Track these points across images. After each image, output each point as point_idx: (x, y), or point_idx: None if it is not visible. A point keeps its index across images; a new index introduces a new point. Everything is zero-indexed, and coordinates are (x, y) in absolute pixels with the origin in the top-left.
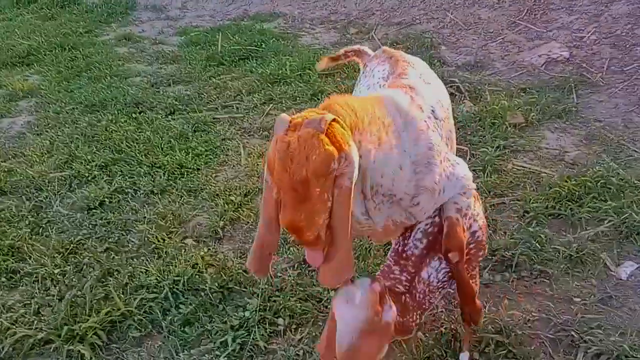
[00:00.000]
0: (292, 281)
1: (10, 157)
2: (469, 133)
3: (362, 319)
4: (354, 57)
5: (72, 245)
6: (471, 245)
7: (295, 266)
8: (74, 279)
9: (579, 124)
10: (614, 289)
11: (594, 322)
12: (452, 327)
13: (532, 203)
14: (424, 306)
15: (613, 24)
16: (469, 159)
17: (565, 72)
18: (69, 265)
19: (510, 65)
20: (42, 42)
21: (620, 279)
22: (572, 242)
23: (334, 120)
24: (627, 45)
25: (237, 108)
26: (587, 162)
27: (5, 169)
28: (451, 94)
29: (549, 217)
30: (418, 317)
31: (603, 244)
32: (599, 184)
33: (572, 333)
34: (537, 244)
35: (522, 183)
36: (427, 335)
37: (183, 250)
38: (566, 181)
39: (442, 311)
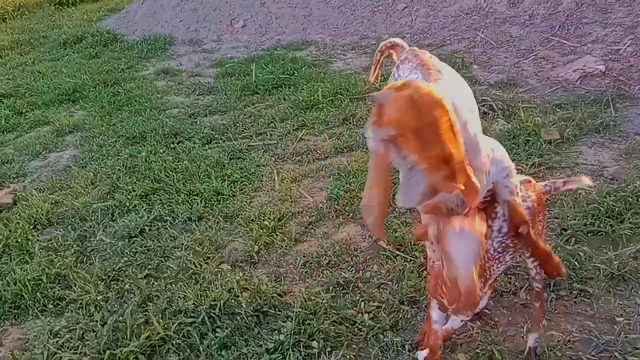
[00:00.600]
0: (326, 304)
1: (57, 189)
2: None
3: (475, 245)
4: (390, 51)
5: (114, 272)
6: (529, 217)
7: (330, 289)
8: (115, 305)
9: (618, 138)
10: None
11: (638, 342)
12: (489, 348)
13: (570, 220)
14: (485, 274)
15: None
16: None
17: (601, 85)
18: (111, 291)
19: (544, 82)
20: (87, 79)
21: None
22: (613, 259)
23: None
24: None
25: (271, 135)
26: (627, 177)
27: (53, 201)
28: (484, 113)
29: (588, 235)
30: (482, 285)
31: None
32: (639, 199)
33: (615, 354)
34: (576, 262)
35: (560, 200)
36: (459, 357)
37: (219, 275)
38: (605, 197)
39: (478, 332)
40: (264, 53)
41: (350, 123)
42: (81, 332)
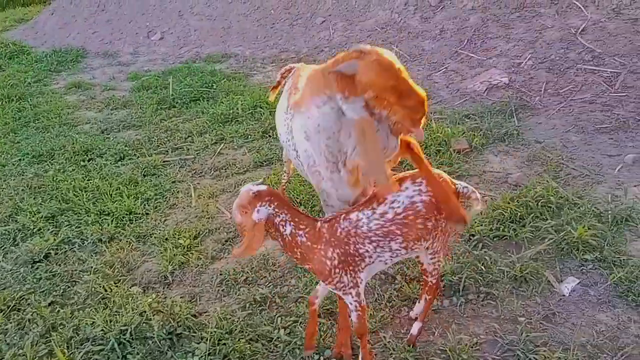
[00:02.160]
0: (242, 322)
1: None
2: None
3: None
4: (287, 74)
5: (14, 301)
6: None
7: (247, 306)
8: (15, 337)
9: (521, 146)
10: (557, 306)
11: (539, 339)
12: (402, 355)
13: (477, 226)
14: (344, 244)
15: (547, 49)
16: None
17: (505, 97)
18: (10, 322)
19: (455, 93)
20: None
21: (563, 295)
22: (516, 262)
23: None
24: (562, 69)
25: (188, 150)
26: (529, 182)
27: None
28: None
29: (494, 239)
30: (332, 253)
31: (545, 262)
32: (539, 203)
33: (518, 352)
34: (482, 267)
35: (468, 207)
36: None
37: (131, 299)
38: (509, 202)
39: (390, 341)
40: (182, 65)
41: (270, 136)
42: None
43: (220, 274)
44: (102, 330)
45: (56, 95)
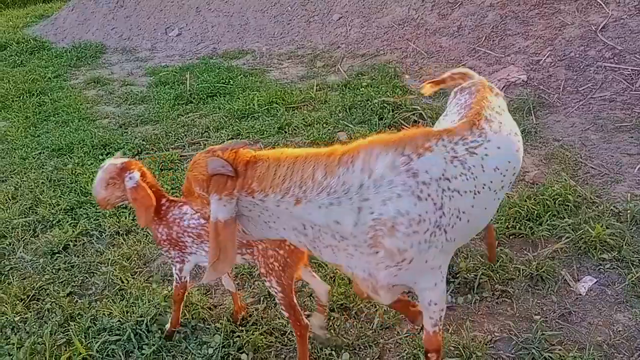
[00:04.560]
0: (257, 315)
1: None
2: None
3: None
4: (459, 80)
5: (34, 291)
6: None
7: (261, 300)
8: (34, 326)
9: (539, 144)
10: (573, 305)
11: (555, 338)
12: (414, 352)
13: (494, 224)
14: (169, 227)
15: (567, 46)
16: None
17: (523, 94)
18: (30, 312)
19: None
20: (10, 88)
21: (580, 294)
22: (532, 260)
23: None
24: (581, 67)
25: (205, 145)
26: (546, 180)
27: None
28: (414, 121)
29: (510, 237)
30: (162, 229)
31: (562, 261)
32: (557, 201)
33: (533, 351)
34: (498, 265)
35: None
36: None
37: (147, 291)
38: (526, 200)
39: (405, 337)
40: (199, 62)
41: (286, 132)
42: None
43: (236, 268)
44: (119, 321)
45: (75, 90)
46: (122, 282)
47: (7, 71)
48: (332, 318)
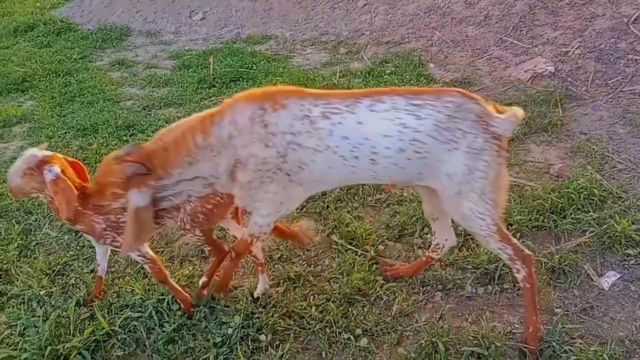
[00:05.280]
0: (276, 298)
1: (1, 181)
2: None
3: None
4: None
5: (59, 266)
6: None
7: (281, 283)
8: (59, 300)
9: (565, 137)
10: (595, 299)
11: (576, 332)
12: (433, 340)
13: (516, 216)
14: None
15: (597, 38)
16: None
17: (550, 86)
18: (55, 286)
19: (497, 81)
20: (37, 68)
21: (603, 289)
22: (555, 253)
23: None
24: (611, 59)
25: None
26: (571, 174)
27: None
28: None
29: (533, 230)
30: (98, 224)
31: (585, 255)
32: (581, 195)
33: (554, 343)
34: None
35: (507, 196)
36: (407, 349)
37: (169, 269)
38: (549, 193)
39: (424, 324)
40: (222, 46)
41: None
42: (22, 327)
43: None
44: (141, 298)
45: (100, 71)
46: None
47: (34, 51)
48: (351, 304)
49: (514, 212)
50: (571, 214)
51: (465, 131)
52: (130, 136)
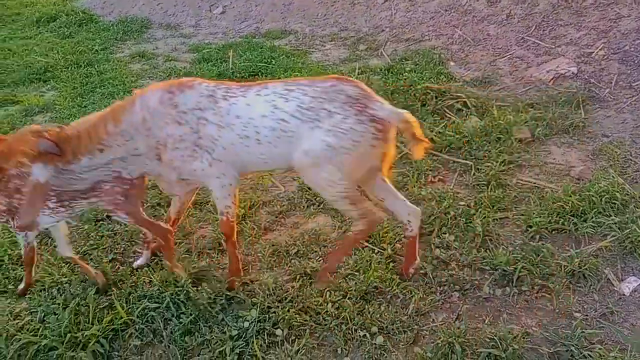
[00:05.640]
0: (292, 293)
1: None
2: (475, 148)
3: None
4: None
5: (78, 255)
6: None
7: (297, 278)
8: (79, 288)
9: (586, 139)
10: (616, 305)
11: (595, 337)
12: (450, 340)
13: (535, 218)
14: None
15: (622, 39)
16: (474, 173)
17: (573, 87)
18: (75, 274)
19: (518, 81)
20: (59, 59)
21: (623, 294)
22: (575, 257)
23: None
24: (636, 61)
25: None
26: (593, 177)
27: None
28: (458, 109)
29: (552, 232)
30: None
31: (606, 259)
32: (603, 199)
33: (572, 348)
34: (539, 259)
35: (526, 198)
36: (423, 348)
37: (186, 262)
38: (570, 196)
39: (441, 324)
40: (242, 40)
41: None
42: (42, 314)
43: (273, 245)
44: (159, 289)
45: (121, 63)
46: (161, 252)
47: (56, 42)
48: (367, 301)
49: (534, 213)
50: (592, 217)
51: (332, 111)
52: None
